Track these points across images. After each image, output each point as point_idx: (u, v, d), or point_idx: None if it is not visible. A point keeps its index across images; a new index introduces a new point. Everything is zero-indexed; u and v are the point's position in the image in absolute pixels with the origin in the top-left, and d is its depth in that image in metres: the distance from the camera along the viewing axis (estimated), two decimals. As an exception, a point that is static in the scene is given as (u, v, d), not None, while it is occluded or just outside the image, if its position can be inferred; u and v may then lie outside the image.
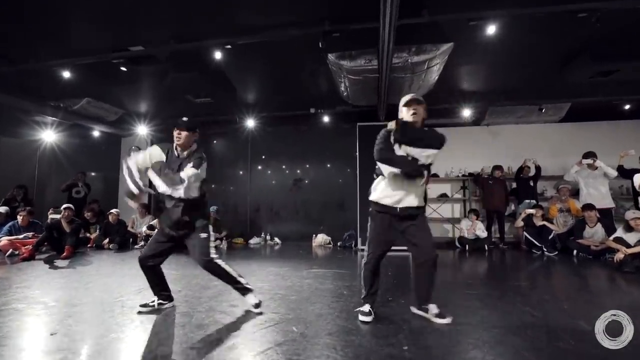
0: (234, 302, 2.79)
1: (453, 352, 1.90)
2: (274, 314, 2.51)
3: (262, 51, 4.29)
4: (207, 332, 2.16)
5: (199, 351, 1.89)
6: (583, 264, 4.73)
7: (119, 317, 2.43)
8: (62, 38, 4.05)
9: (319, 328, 2.25)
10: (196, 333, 2.14)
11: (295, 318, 2.44)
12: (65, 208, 5.62)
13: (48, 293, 3.12)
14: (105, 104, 6.43)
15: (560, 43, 4.05)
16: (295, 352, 1.88)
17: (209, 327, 2.25)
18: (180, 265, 4.29)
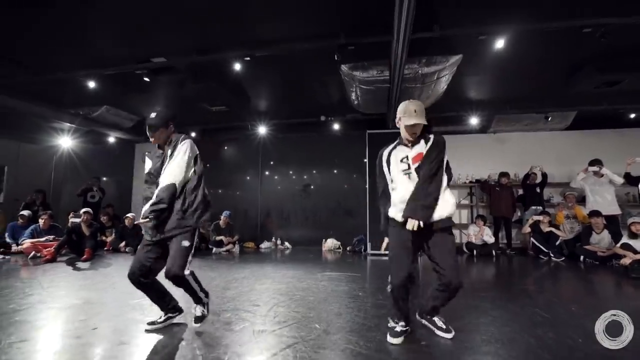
0: (256, 302, 2.94)
1: (467, 348, 2.03)
2: (295, 313, 2.65)
3: (277, 62, 4.47)
4: (235, 329, 2.31)
5: (231, 346, 2.03)
6: (590, 269, 4.83)
7: (150, 315, 2.59)
8: (89, 50, 4.26)
9: (339, 325, 2.39)
10: (226, 330, 2.29)
11: (316, 317, 2.58)
12: (84, 212, 5.82)
13: (77, 293, 3.29)
14: (123, 111, 6.65)
15: (566, 56, 4.20)
16: (321, 345, 2.02)
17: (236, 324, 2.40)
18: (196, 268, 4.46)
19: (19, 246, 5.79)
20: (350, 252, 6.62)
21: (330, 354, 1.92)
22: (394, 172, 2.23)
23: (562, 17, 3.15)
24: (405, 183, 2.16)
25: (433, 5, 3.30)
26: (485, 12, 3.32)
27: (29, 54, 4.34)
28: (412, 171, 2.16)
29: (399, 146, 2.27)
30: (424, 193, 2.05)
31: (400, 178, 2.20)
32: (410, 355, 1.92)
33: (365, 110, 5.95)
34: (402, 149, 2.24)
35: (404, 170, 2.19)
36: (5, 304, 2.84)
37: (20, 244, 5.67)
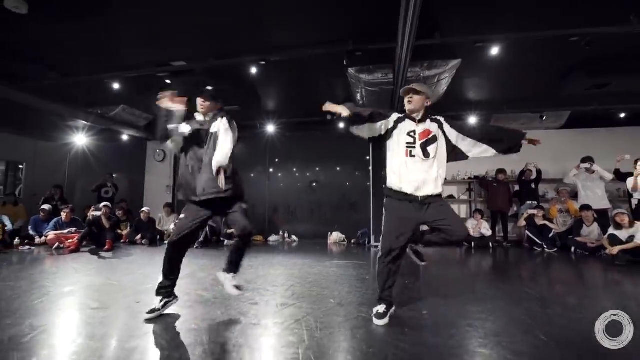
0: (274, 284, 3.29)
1: (464, 316, 2.37)
2: (311, 291, 3.00)
3: (289, 65, 4.79)
4: (260, 303, 2.65)
5: (259, 316, 2.38)
6: (580, 259, 5.17)
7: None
8: (113, 55, 4.59)
9: (351, 300, 2.73)
10: (252, 304, 2.64)
11: (330, 294, 2.92)
12: (104, 206, 6.17)
13: (111, 275, 3.64)
14: (138, 110, 6.99)
15: (558, 61, 4.52)
16: (337, 314, 2.37)
17: (260, 300, 2.75)
18: (211, 257, 4.80)
19: (41, 238, 6.14)
20: (355, 245, 6.96)
21: (345, 320, 2.26)
22: (394, 140, 2.34)
23: (551, 27, 3.47)
24: (402, 157, 2.28)
25: (435, 15, 3.61)
26: (482, 22, 3.64)
27: (59, 58, 4.67)
28: (417, 147, 2.28)
29: (407, 119, 2.37)
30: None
31: (399, 150, 2.31)
32: (413, 322, 2.25)
33: (369, 110, 6.27)
34: (409, 123, 2.35)
35: (408, 143, 2.29)
36: (52, 284, 3.19)
37: (45, 235, 6.02)
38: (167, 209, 7.84)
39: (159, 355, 1.75)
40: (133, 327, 2.10)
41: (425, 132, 2.33)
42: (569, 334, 2.01)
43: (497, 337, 1.96)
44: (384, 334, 2.02)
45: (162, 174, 8.89)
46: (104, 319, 2.25)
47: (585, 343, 1.77)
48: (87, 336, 1.93)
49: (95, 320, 2.20)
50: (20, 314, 2.27)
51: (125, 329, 2.11)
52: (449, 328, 2.13)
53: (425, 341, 1.93)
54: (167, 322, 2.20)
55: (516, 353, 1.73)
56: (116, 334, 2.02)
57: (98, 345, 1.80)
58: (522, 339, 1.92)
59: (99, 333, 1.97)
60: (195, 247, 6.17)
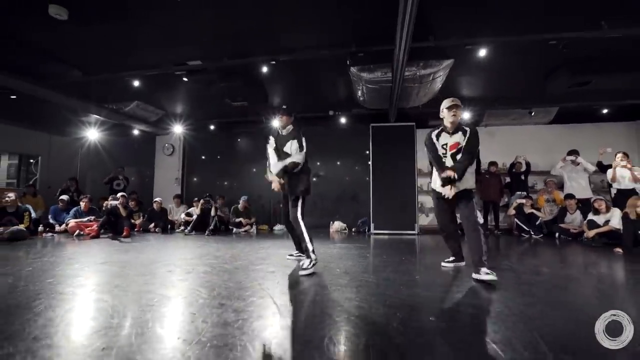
0: (284, 262, 3.72)
1: (457, 285, 2.81)
2: (319, 265, 3.43)
3: (296, 64, 5.20)
4: (277, 274, 3.09)
5: (279, 279, 2.81)
6: (563, 243, 5.61)
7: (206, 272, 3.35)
8: (133, 54, 4.97)
9: (355, 270, 3.17)
10: (269, 273, 3.07)
11: (336, 266, 3.36)
12: (121, 195, 6.59)
13: (135, 256, 4.07)
14: (151, 106, 7.38)
15: (541, 62, 4.94)
16: (343, 278, 2.80)
17: (277, 271, 3.17)
18: (221, 242, 5.22)
19: (61, 226, 6.56)
20: (355, 233, 7.40)
21: (352, 282, 2.70)
22: (436, 154, 3.06)
23: (531, 32, 3.89)
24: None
25: (428, 20, 4.03)
26: (471, 26, 4.06)
27: (84, 58, 5.06)
28: (448, 157, 2.99)
29: (443, 133, 3.06)
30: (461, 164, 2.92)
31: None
32: (408, 283, 2.69)
33: (369, 106, 6.69)
34: (445, 136, 3.04)
35: (442, 154, 3.03)
36: (87, 259, 3.61)
37: (66, 223, 6.44)
38: (176, 200, 8.28)
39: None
40: (164, 284, 2.54)
41: (455, 144, 2.98)
42: (543, 301, 2.46)
43: (476, 294, 2.40)
44: (383, 289, 2.45)
45: (171, 167, 9.30)
46: (143, 279, 2.68)
47: (555, 310, 2.21)
48: (119, 287, 2.36)
49: (140, 280, 2.64)
50: (73, 277, 2.71)
51: (161, 285, 2.54)
52: (439, 287, 2.57)
53: (418, 294, 2.37)
54: (189, 293, 2.63)
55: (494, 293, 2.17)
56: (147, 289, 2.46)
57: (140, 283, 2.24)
58: (501, 290, 2.37)
59: (137, 284, 2.41)
60: (206, 235, 6.60)
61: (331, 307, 2.04)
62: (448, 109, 3.00)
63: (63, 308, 1.96)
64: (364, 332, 1.65)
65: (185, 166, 9.32)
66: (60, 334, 1.58)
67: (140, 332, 1.60)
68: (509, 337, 1.57)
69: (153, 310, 1.93)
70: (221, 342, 1.49)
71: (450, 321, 1.87)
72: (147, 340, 1.51)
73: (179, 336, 1.56)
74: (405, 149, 7.38)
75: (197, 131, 8.78)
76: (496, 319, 1.83)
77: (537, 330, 1.66)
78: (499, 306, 2.07)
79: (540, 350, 1.44)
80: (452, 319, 1.90)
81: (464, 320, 1.88)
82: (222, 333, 1.59)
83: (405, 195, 7.30)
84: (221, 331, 1.61)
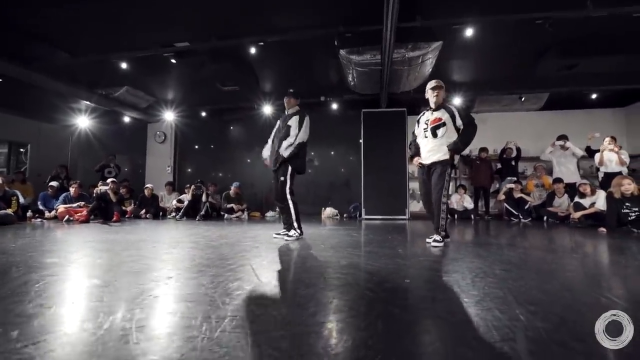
0: (272, 241, 3.74)
1: (439, 256, 2.84)
2: (305, 241, 3.45)
3: (285, 46, 5.16)
4: (261, 249, 3.10)
5: (268, 254, 2.83)
6: (551, 226, 5.67)
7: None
8: (121, 35, 4.91)
9: (340, 245, 3.19)
10: (254, 247, 3.08)
11: (321, 242, 3.39)
12: (111, 181, 6.55)
13: (131, 234, 4.06)
14: (141, 92, 7.31)
15: (530, 43, 4.94)
16: (326, 252, 2.82)
17: (266, 249, 3.19)
18: (213, 227, 5.22)
19: (51, 212, 6.52)
20: (347, 218, 7.43)
21: (334, 254, 2.72)
22: (418, 130, 3.41)
23: (518, 11, 3.89)
24: (422, 139, 3.34)
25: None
26: (457, 5, 4.04)
27: (70, 39, 4.99)
28: (429, 131, 3.26)
29: (427, 112, 3.38)
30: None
31: (420, 134, 3.39)
32: (391, 260, 2.72)
33: (360, 91, 6.68)
34: (427, 114, 3.36)
35: (424, 129, 3.32)
36: (79, 240, 3.61)
37: (55, 209, 6.40)
38: (168, 187, 8.25)
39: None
40: (152, 266, 2.54)
41: (436, 119, 3.23)
42: (520, 268, 2.49)
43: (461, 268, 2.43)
44: (364, 260, 2.48)
45: (163, 155, 9.25)
46: (127, 252, 2.68)
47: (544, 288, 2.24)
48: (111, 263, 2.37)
49: (123, 253, 2.64)
50: (64, 255, 2.70)
51: (150, 262, 2.55)
52: (420, 257, 2.60)
53: (398, 262, 2.39)
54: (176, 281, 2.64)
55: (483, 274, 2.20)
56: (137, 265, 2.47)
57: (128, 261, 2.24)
58: (485, 274, 2.40)
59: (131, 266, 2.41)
60: (197, 220, 6.60)
61: (309, 272, 2.06)
62: (432, 90, 3.31)
63: (40, 274, 1.96)
64: (335, 289, 1.68)
65: (177, 154, 9.27)
66: (33, 293, 1.58)
67: (113, 290, 1.61)
68: (480, 294, 1.60)
69: (130, 274, 1.94)
70: (193, 298, 1.51)
71: (424, 283, 1.89)
72: (116, 297, 1.52)
73: (151, 294, 1.57)
74: (396, 134, 7.39)
75: (189, 118, 8.72)
76: (471, 281, 1.86)
77: (509, 289, 1.68)
78: (477, 271, 2.09)
79: (507, 301, 1.46)
80: (428, 282, 1.93)
81: (438, 281, 1.90)
82: (196, 292, 1.60)
83: (396, 181, 7.33)
84: (195, 290, 1.63)
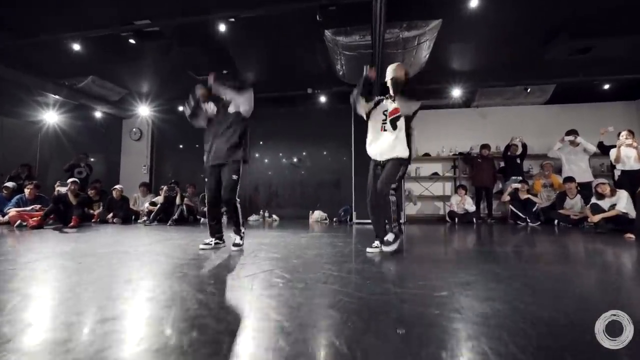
0: (239, 250, 3.07)
1: (450, 283, 2.19)
2: (274, 254, 2.79)
3: (263, 26, 4.52)
4: (218, 264, 2.43)
5: (220, 268, 2.16)
6: (563, 231, 5.05)
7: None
8: (71, 11, 4.24)
9: (317, 260, 2.53)
10: (209, 261, 2.41)
11: (295, 255, 2.72)
12: (72, 182, 5.85)
13: (65, 252, 3.38)
14: (109, 83, 6.62)
15: (540, 20, 4.32)
16: (296, 269, 2.16)
17: (221, 264, 2.52)
18: (184, 232, 4.54)
19: (4, 217, 5.80)
20: (337, 223, 6.78)
21: (306, 274, 2.06)
22: (374, 116, 2.86)
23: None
24: (377, 131, 2.82)
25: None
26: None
27: (12, 16, 4.31)
28: (388, 123, 2.80)
29: (385, 100, 2.88)
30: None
31: (375, 125, 2.86)
32: (384, 289, 2.07)
33: (350, 82, 6.01)
34: (387, 102, 2.85)
35: (382, 120, 2.82)
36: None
37: (6, 213, 5.68)
38: (142, 188, 7.54)
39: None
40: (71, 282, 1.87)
41: (395, 110, 2.78)
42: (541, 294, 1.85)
43: (465, 285, 1.78)
44: (338, 285, 1.83)
45: (139, 153, 8.55)
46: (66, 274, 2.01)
47: (562, 315, 1.60)
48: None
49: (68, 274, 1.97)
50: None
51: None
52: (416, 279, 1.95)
53: (387, 289, 1.75)
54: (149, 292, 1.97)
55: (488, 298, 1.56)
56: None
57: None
58: (493, 288, 1.75)
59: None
60: (169, 225, 5.92)
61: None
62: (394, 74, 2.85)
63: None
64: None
65: (154, 152, 8.56)
66: None
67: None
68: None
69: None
70: None
71: (428, 331, 1.25)
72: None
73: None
74: (390, 130, 6.75)
75: (166, 113, 8.03)
76: (509, 333, 1.21)
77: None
78: (506, 311, 1.45)
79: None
80: (430, 328, 1.28)
81: (449, 332, 1.26)
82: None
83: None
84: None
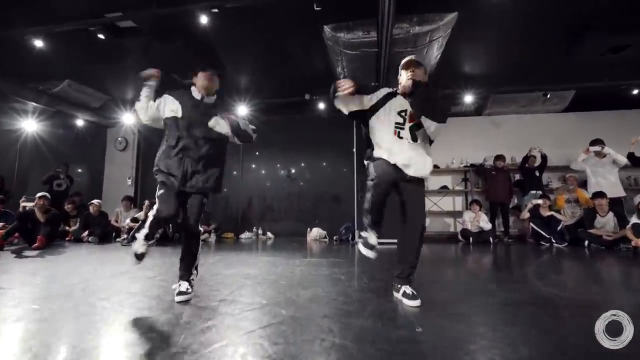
0: (216, 288, 2.44)
1: (467, 335, 1.56)
2: (260, 298, 2.16)
3: (253, 22, 3.99)
4: (184, 318, 1.81)
5: (176, 335, 1.53)
6: (596, 254, 4.42)
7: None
8: (32, 2, 3.70)
9: (312, 311, 1.90)
10: (173, 318, 1.79)
11: (285, 301, 2.09)
12: (40, 197, 5.21)
13: (14, 283, 2.74)
14: (88, 88, 6.06)
15: (569, 12, 3.76)
16: (282, 334, 1.52)
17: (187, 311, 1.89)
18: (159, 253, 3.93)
19: (-33, 235, 5.16)
20: (337, 242, 6.14)
21: (296, 343, 1.43)
22: (384, 117, 2.13)
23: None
24: (390, 135, 2.11)
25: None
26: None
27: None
28: (406, 129, 2.11)
29: (399, 96, 2.16)
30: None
31: (388, 128, 2.12)
32: (402, 346, 1.44)
33: (352, 85, 5.47)
34: (402, 101, 2.13)
35: (397, 123, 2.11)
36: None
37: (-35, 231, 5.05)
38: (125, 202, 6.89)
39: None
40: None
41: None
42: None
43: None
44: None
45: (124, 165, 7.94)
46: None
47: None
48: None
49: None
50: None
51: None
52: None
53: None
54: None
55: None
56: None
57: None
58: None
59: None
60: (150, 244, 5.26)
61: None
62: (405, 68, 2.13)
63: None
64: None
65: (140, 163, 7.94)
66: None
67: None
68: None
69: None
70: None
71: None
72: None
73: None
74: (396, 139, 6.16)
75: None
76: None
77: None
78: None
79: None
80: None
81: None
82: None
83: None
84: None
